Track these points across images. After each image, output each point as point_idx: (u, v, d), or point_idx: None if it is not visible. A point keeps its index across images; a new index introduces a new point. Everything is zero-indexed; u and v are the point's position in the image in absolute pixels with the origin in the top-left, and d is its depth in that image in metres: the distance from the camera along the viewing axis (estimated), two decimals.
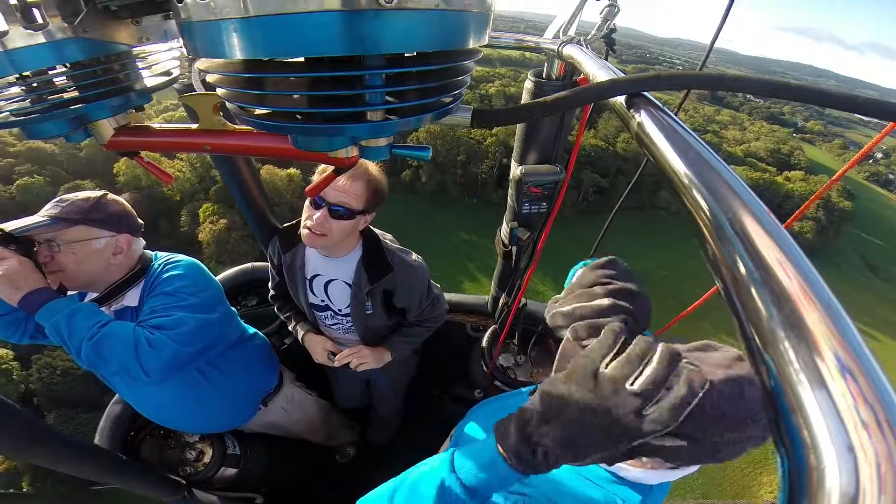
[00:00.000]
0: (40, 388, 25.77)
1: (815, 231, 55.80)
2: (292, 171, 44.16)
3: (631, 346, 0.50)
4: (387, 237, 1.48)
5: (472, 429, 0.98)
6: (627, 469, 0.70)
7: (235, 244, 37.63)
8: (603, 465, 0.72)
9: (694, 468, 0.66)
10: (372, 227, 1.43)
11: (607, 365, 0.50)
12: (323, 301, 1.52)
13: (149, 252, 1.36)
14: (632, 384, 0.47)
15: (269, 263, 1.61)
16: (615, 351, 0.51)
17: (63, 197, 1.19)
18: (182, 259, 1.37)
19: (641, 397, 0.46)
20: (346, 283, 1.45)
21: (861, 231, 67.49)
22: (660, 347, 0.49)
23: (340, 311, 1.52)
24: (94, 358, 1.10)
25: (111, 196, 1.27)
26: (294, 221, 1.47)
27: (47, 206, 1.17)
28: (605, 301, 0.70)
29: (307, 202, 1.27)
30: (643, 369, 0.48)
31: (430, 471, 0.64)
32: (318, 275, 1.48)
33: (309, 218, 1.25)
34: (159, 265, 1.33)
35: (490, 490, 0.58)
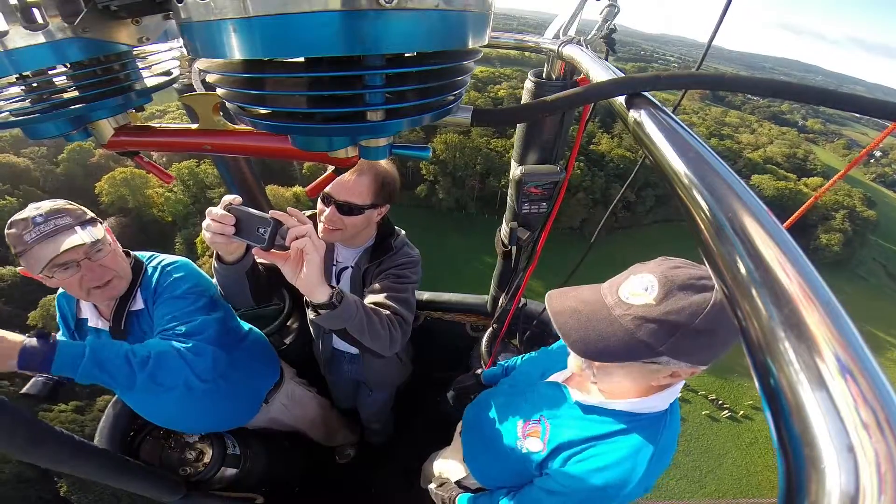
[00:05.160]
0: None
1: (841, 243, 53.29)
2: (298, 189, 40.85)
3: None
4: (401, 233, 1.49)
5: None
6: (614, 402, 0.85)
7: None
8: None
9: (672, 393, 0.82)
10: (389, 219, 1.43)
11: None
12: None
13: (132, 252, 1.33)
14: None
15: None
16: None
17: (51, 209, 1.08)
18: (176, 260, 1.35)
19: None
20: (351, 266, 1.46)
21: (879, 238, 63.66)
22: None
23: None
24: (152, 385, 1.07)
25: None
26: (309, 213, 1.43)
27: (55, 224, 1.05)
28: None
29: (319, 198, 1.28)
30: None
31: None
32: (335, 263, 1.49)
33: (321, 213, 1.28)
34: (154, 266, 1.30)
35: None
